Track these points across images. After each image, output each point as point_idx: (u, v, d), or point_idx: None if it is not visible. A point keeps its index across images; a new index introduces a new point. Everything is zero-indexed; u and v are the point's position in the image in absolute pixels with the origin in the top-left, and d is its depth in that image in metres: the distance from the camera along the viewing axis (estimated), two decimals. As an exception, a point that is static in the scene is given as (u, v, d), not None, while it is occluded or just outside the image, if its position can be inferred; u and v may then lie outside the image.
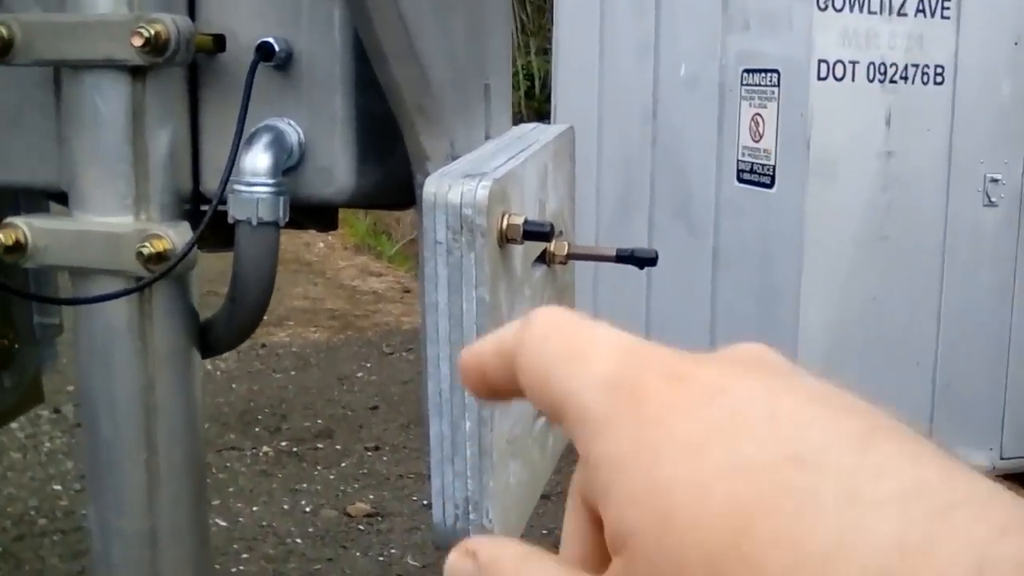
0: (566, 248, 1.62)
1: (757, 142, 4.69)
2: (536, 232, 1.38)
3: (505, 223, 1.36)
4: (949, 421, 4.74)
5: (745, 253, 4.83)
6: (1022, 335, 4.85)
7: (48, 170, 1.54)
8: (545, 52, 12.31)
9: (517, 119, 1.90)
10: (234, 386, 6.33)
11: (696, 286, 5.11)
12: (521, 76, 13.42)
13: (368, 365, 6.85)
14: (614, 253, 1.61)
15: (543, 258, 1.59)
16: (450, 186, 1.32)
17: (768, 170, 4.61)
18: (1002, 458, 4.88)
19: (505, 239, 1.37)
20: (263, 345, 7.01)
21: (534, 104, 13.23)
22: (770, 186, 4.62)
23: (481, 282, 1.32)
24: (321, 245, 10.33)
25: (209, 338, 1.56)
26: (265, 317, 1.59)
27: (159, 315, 1.49)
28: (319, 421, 5.84)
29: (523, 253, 1.46)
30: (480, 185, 1.31)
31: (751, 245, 4.78)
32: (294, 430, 5.68)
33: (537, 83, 13.60)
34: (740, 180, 4.81)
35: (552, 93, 6.73)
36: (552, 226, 1.40)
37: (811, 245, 4.46)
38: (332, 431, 5.69)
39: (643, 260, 1.59)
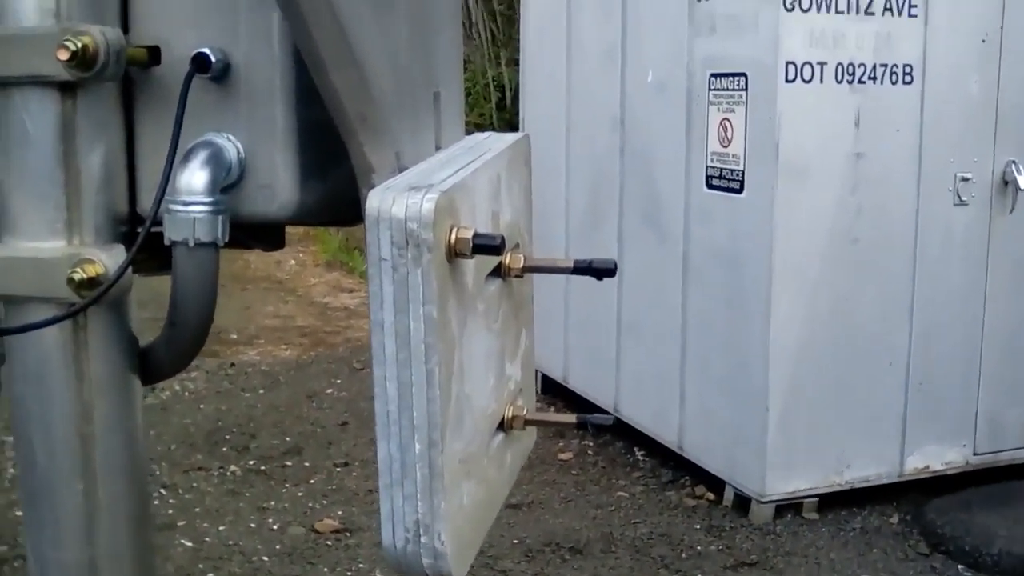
0: (521, 261, 1.56)
1: (726, 147, 4.65)
2: (486, 245, 1.32)
3: (453, 237, 1.30)
4: (922, 419, 4.71)
5: (715, 259, 4.79)
6: (993, 333, 4.84)
7: None
8: (515, 63, 12.27)
9: (489, 130, 1.85)
10: (202, 406, 6.24)
11: (666, 292, 5.06)
12: (492, 87, 13.39)
13: (338, 381, 6.77)
14: (571, 265, 1.56)
15: (498, 271, 1.53)
16: (394, 199, 1.25)
17: (737, 175, 4.58)
18: (975, 454, 4.86)
19: (454, 253, 1.31)
20: (232, 364, 6.92)
21: (506, 115, 13.20)
22: (739, 191, 4.59)
23: (429, 299, 1.26)
24: (292, 263, 10.25)
25: (149, 364, 1.50)
26: (235, 336, 1.54)
27: (94, 342, 1.42)
28: (288, 439, 5.76)
29: (475, 267, 1.40)
30: (426, 198, 1.25)
31: (721, 251, 4.74)
32: (262, 448, 5.60)
33: (508, 94, 13.56)
34: (709, 186, 4.77)
35: (520, 102, 6.68)
36: (503, 238, 1.34)
37: (781, 249, 4.43)
38: (301, 448, 5.61)
39: (601, 271, 1.53)
